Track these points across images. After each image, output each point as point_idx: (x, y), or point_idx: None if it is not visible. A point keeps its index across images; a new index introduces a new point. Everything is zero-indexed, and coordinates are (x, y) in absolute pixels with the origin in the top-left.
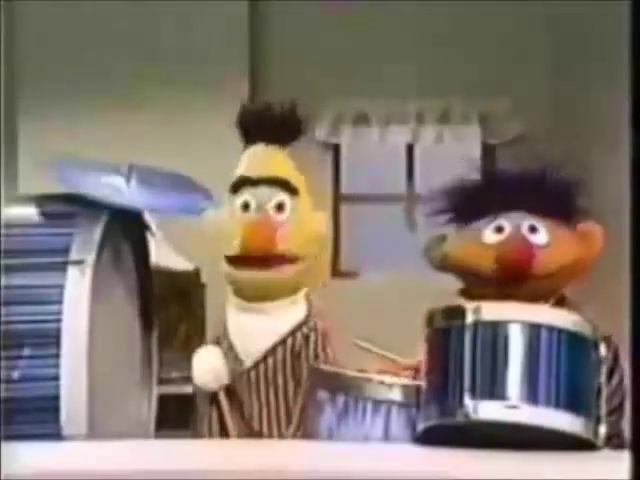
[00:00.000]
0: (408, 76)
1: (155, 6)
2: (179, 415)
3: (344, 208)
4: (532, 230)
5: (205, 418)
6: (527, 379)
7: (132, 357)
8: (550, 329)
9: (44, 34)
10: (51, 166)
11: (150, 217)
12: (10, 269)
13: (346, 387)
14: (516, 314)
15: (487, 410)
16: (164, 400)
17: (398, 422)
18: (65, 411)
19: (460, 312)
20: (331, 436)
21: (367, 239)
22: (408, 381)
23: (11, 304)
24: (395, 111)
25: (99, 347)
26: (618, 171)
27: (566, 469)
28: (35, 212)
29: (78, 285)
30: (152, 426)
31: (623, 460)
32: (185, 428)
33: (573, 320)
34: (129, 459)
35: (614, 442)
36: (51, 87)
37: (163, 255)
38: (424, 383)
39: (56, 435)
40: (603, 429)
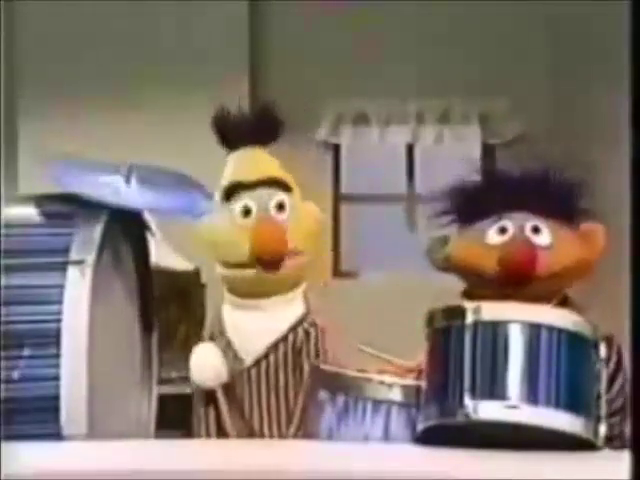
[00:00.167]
0: (408, 76)
1: (155, 6)
2: (179, 415)
3: (344, 208)
4: (535, 231)
5: (205, 418)
6: (527, 379)
7: (132, 357)
8: (550, 329)
9: (44, 34)
10: (51, 166)
11: (150, 217)
12: (10, 269)
13: (346, 387)
14: (516, 314)
15: (487, 410)
16: (164, 400)
17: (398, 422)
18: (65, 411)
19: (460, 312)
20: (331, 436)
21: (367, 239)
22: (408, 381)
23: (11, 304)
24: (395, 111)
25: (99, 347)
26: (618, 171)
27: (566, 469)
28: (35, 212)
29: (78, 285)
30: (152, 426)
31: (623, 460)
32: (185, 428)
33: (573, 320)
34: (129, 459)
35: (617, 443)
36: (51, 87)
37: (163, 255)
38: (424, 383)
39: (56, 435)
40: (603, 429)
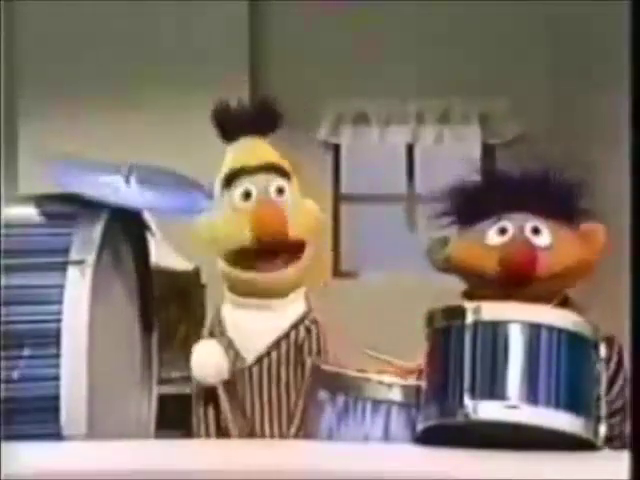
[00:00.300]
0: (408, 76)
1: (155, 6)
2: (179, 415)
3: (344, 208)
4: (535, 232)
5: (204, 418)
6: (527, 379)
7: (132, 357)
8: (550, 329)
9: (44, 34)
10: (51, 166)
11: (150, 217)
12: (10, 269)
13: (346, 387)
14: (516, 314)
15: (487, 410)
16: (164, 400)
17: (398, 422)
18: (65, 411)
19: (460, 312)
20: (331, 436)
21: (367, 239)
22: (408, 381)
23: (11, 304)
24: (395, 111)
25: (99, 347)
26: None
27: (566, 469)
28: (35, 212)
29: (78, 285)
30: (152, 426)
31: (623, 460)
32: (185, 428)
33: (573, 320)
34: (129, 459)
35: (618, 443)
36: (51, 87)
37: (163, 255)
38: (424, 383)
39: (56, 435)
40: (603, 429)
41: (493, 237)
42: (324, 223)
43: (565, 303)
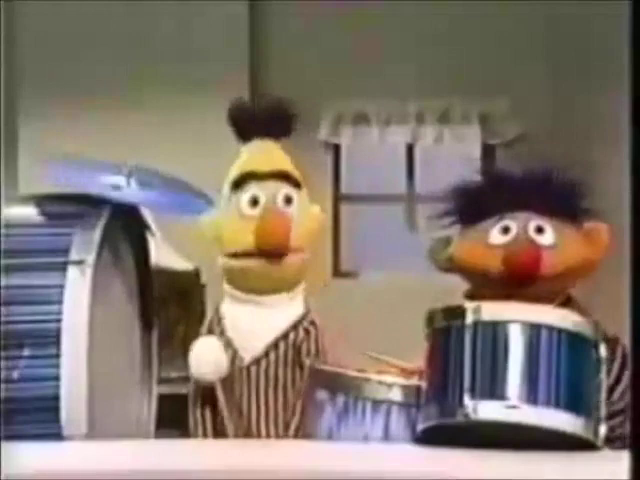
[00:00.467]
0: (408, 76)
1: (155, 6)
2: (179, 415)
3: (344, 208)
4: (539, 231)
5: (202, 419)
6: (527, 379)
7: (132, 357)
8: (550, 329)
9: (44, 34)
10: (51, 166)
11: (150, 217)
12: (10, 269)
13: (346, 387)
14: (516, 314)
15: (487, 410)
16: (164, 400)
17: (398, 422)
18: (65, 411)
19: (460, 312)
20: (331, 436)
21: (367, 239)
22: (408, 381)
23: (11, 304)
24: (395, 111)
25: (99, 347)
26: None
27: (566, 469)
28: (35, 212)
29: (78, 285)
30: (152, 426)
31: (623, 460)
32: (185, 428)
33: (573, 320)
34: (129, 459)
35: (619, 444)
36: (51, 87)
37: (163, 255)
38: (424, 383)
39: (56, 435)
40: (603, 429)
41: (496, 236)
42: (324, 225)
43: (568, 303)
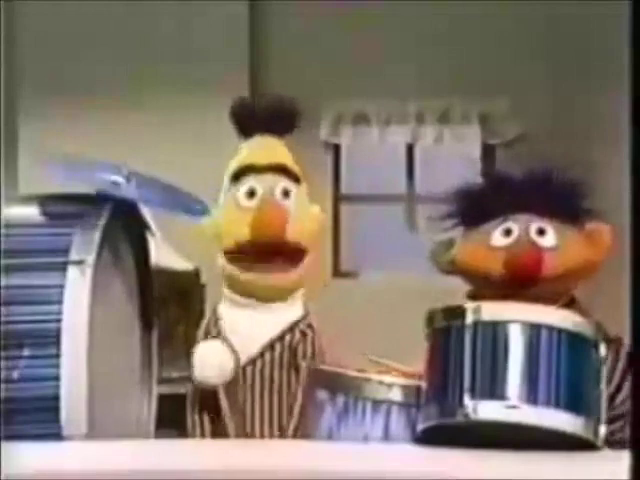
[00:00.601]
0: (408, 76)
1: (155, 6)
2: (179, 415)
3: (344, 208)
4: (541, 232)
5: (200, 422)
6: (527, 379)
7: (132, 357)
8: (550, 329)
9: (44, 34)
10: (51, 166)
11: (150, 217)
12: (10, 269)
13: (346, 387)
14: (516, 314)
15: (487, 410)
16: (164, 400)
17: (398, 422)
18: (65, 411)
19: (460, 312)
20: (331, 436)
21: (367, 239)
22: (408, 381)
23: (11, 304)
24: (395, 111)
25: (99, 347)
26: (619, 171)
27: (566, 469)
28: (35, 212)
29: (78, 285)
30: (152, 426)
31: (623, 460)
32: (185, 428)
33: (573, 320)
34: (129, 459)
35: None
36: (51, 87)
37: (163, 255)
38: (424, 383)
39: (56, 435)
40: (603, 429)
41: (498, 238)
42: (324, 226)
43: (571, 304)
